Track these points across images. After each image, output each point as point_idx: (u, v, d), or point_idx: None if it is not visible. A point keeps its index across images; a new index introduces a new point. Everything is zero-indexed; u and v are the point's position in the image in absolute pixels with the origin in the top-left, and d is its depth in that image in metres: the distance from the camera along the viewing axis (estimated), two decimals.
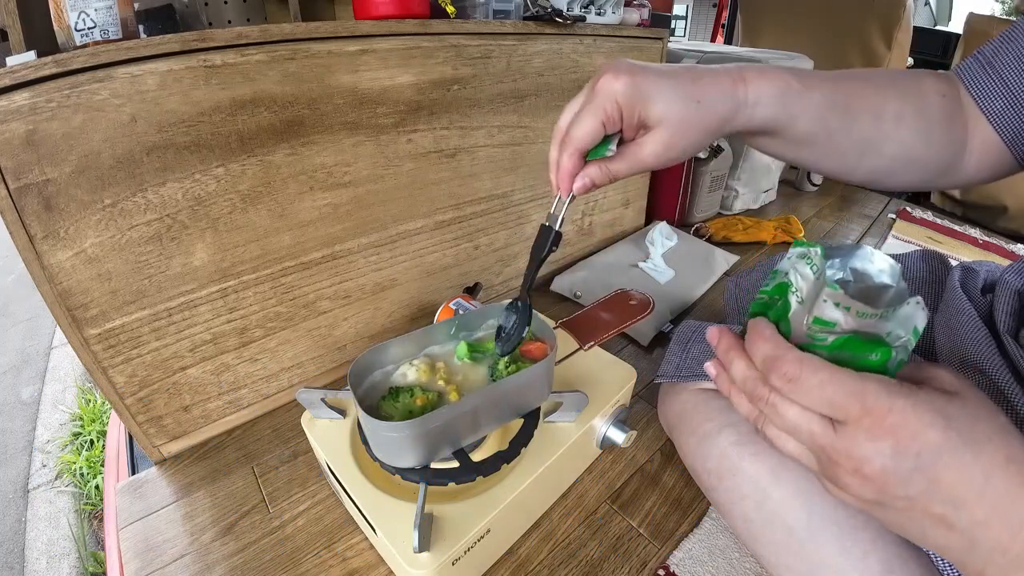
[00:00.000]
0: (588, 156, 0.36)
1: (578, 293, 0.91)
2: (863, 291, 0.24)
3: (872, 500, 0.24)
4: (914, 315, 0.22)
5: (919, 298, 0.22)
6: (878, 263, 0.24)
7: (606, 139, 0.36)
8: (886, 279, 0.24)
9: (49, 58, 0.41)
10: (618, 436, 0.54)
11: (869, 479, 0.23)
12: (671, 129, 0.34)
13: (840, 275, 0.24)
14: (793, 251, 0.25)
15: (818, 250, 0.24)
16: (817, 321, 0.23)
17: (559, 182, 0.37)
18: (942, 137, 0.39)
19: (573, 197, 0.38)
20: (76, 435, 1.71)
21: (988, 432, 0.22)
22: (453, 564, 0.41)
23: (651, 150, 0.35)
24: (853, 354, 0.23)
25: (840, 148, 0.39)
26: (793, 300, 0.24)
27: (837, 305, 0.23)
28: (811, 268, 0.24)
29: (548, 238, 0.40)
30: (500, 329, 0.48)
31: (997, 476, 0.22)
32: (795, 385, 0.24)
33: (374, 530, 0.44)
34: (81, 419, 1.75)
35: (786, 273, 0.25)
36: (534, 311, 0.53)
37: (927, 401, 0.22)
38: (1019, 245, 1.33)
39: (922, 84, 0.40)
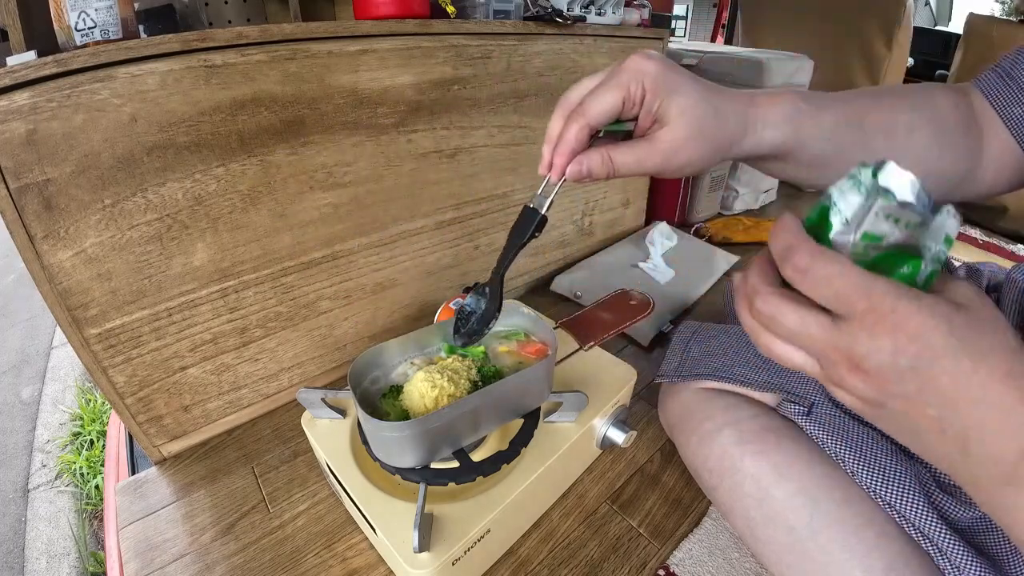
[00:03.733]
0: (602, 131, 0.33)
1: (578, 293, 0.91)
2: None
3: (872, 399, 0.24)
4: (945, 223, 0.22)
5: (951, 206, 0.22)
6: (901, 177, 0.24)
7: (618, 123, 0.33)
8: (908, 194, 0.23)
9: (49, 58, 0.41)
10: (618, 436, 0.54)
11: (868, 376, 0.23)
12: (687, 128, 0.32)
13: (886, 194, 0.23)
14: (841, 178, 0.24)
15: (869, 171, 0.23)
16: (866, 236, 0.23)
17: (555, 158, 0.34)
18: (957, 146, 0.39)
19: (564, 181, 0.34)
20: (76, 435, 1.71)
21: (992, 345, 0.22)
22: (453, 564, 0.41)
23: (661, 148, 0.33)
24: (889, 267, 0.23)
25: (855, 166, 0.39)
26: (836, 221, 0.24)
27: (888, 217, 0.22)
28: (858, 188, 0.23)
29: (532, 222, 0.36)
30: (461, 315, 0.43)
31: (995, 388, 0.22)
32: (805, 276, 0.23)
33: (374, 530, 0.44)
34: (81, 419, 1.75)
35: (830, 195, 0.24)
36: (534, 312, 0.53)
37: (932, 306, 0.22)
38: (1019, 245, 1.33)
39: (934, 96, 0.40)
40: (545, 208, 0.36)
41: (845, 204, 0.24)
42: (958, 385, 0.22)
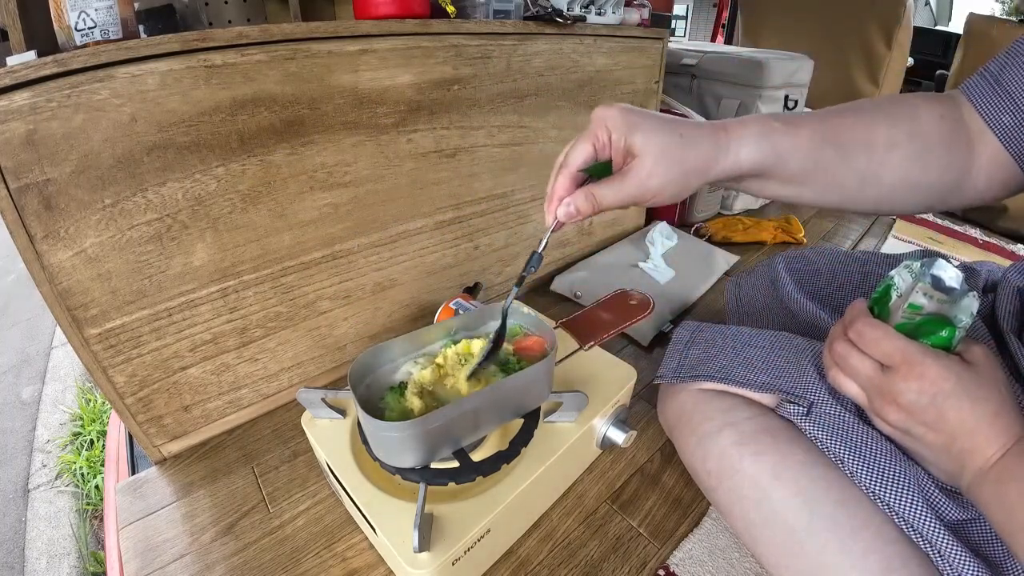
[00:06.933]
0: (589, 172, 0.39)
1: (578, 293, 0.91)
2: (939, 288, 0.34)
3: (902, 427, 0.34)
4: (971, 304, 0.32)
5: (975, 292, 0.33)
6: (949, 271, 0.34)
7: (605, 165, 0.39)
8: (954, 283, 0.34)
9: (49, 58, 0.41)
10: (618, 436, 0.54)
11: (900, 408, 0.33)
12: (652, 155, 0.36)
13: (927, 277, 0.35)
14: (900, 264, 0.36)
15: (918, 263, 0.35)
16: (911, 306, 0.34)
17: (548, 205, 0.39)
18: (941, 159, 0.39)
19: (560, 225, 0.39)
20: (76, 435, 1.71)
21: (987, 393, 0.31)
22: (453, 564, 0.41)
23: (634, 177, 0.37)
24: (929, 329, 0.33)
25: (838, 181, 0.40)
26: (894, 294, 0.36)
27: (925, 295, 0.34)
28: (910, 274, 0.35)
29: (530, 258, 0.42)
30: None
31: (984, 422, 0.31)
32: (861, 337, 0.34)
33: (374, 530, 0.44)
34: (81, 419, 1.75)
35: (892, 277, 0.36)
36: (534, 312, 0.53)
37: (947, 363, 0.31)
38: (1019, 245, 1.33)
39: (916, 108, 0.40)
40: (542, 247, 0.42)
41: (901, 282, 0.36)
42: (962, 418, 0.31)
